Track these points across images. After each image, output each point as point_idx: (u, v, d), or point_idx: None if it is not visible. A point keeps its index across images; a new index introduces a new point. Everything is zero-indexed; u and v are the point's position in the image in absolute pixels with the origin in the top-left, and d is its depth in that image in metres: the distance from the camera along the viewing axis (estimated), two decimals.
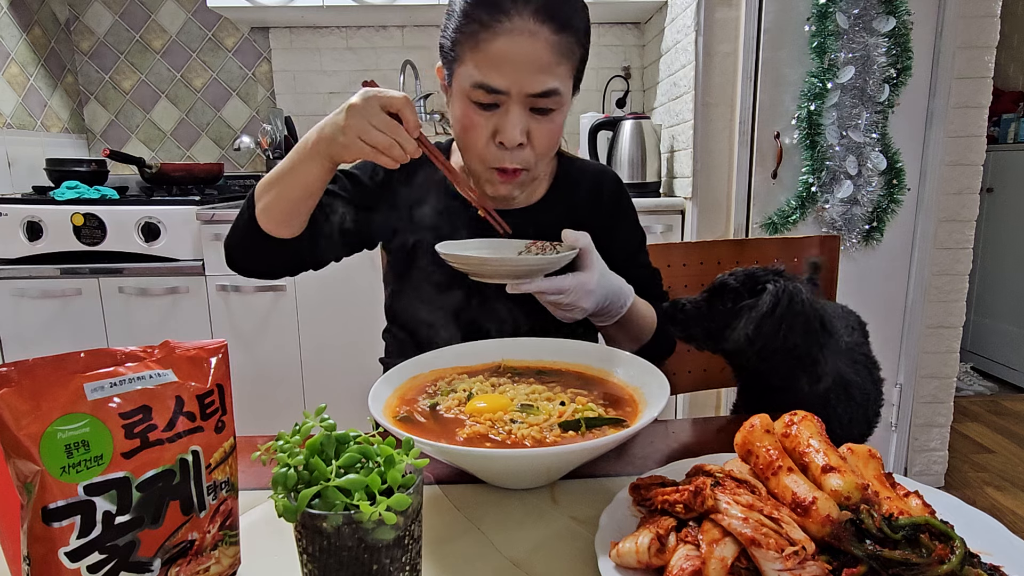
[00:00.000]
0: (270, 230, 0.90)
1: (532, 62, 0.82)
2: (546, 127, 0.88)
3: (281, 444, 0.47)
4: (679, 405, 2.19)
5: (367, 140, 0.78)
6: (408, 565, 0.46)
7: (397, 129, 0.79)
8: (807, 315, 0.76)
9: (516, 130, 0.85)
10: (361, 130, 0.78)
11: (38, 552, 0.41)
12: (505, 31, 0.82)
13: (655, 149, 2.27)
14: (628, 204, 1.09)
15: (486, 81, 0.83)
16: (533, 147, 0.89)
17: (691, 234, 2.09)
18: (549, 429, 0.66)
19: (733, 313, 0.81)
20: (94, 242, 2.05)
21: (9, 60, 2.36)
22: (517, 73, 0.83)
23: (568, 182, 1.06)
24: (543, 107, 0.86)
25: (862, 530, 0.47)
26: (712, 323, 0.83)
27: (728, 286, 0.82)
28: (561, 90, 0.86)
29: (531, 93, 0.84)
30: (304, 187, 0.87)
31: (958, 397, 2.41)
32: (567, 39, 0.84)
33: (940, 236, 2.08)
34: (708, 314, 0.84)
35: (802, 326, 0.76)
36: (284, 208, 0.89)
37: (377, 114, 0.78)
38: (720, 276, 0.85)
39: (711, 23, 1.97)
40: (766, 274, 0.81)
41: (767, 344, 0.76)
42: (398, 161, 0.80)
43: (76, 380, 0.43)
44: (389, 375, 0.75)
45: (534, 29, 0.82)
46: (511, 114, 0.85)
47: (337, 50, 2.72)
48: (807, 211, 2.00)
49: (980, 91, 2.00)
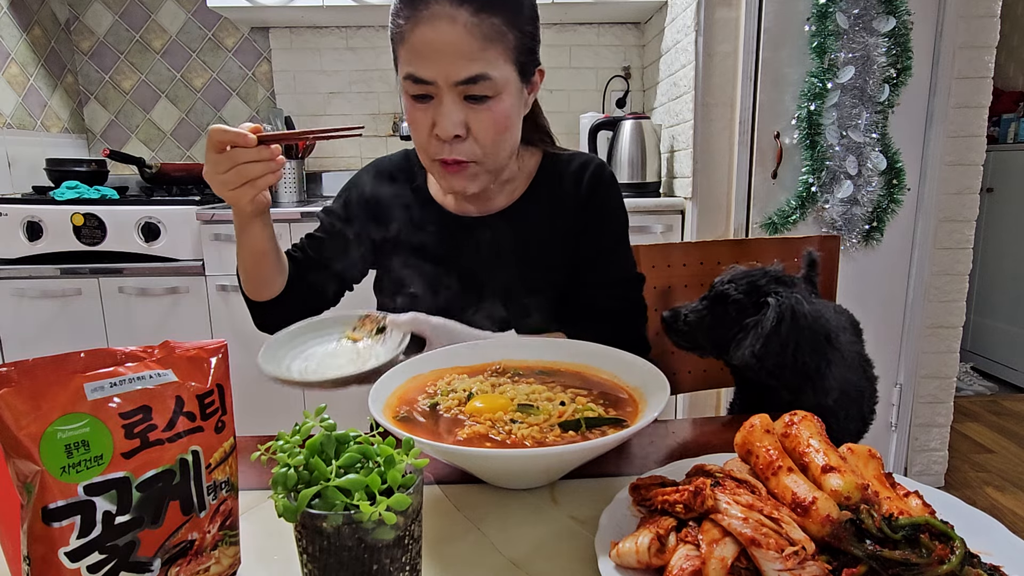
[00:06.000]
0: (256, 297, 0.97)
1: (453, 48, 0.81)
2: (486, 116, 0.85)
3: (281, 444, 0.47)
4: (679, 405, 2.19)
5: (229, 186, 0.79)
6: (408, 565, 0.46)
7: (235, 156, 0.78)
8: (812, 330, 0.76)
9: (449, 122, 0.84)
10: (220, 184, 0.80)
11: (38, 552, 0.41)
12: (425, 19, 0.80)
13: (655, 149, 2.27)
14: (605, 195, 1.02)
15: (412, 71, 0.83)
16: (475, 138, 0.87)
17: (691, 234, 2.09)
18: (549, 429, 0.65)
19: (737, 326, 0.80)
20: (94, 242, 2.05)
21: (9, 60, 2.36)
22: (440, 61, 0.81)
23: (549, 180, 1.03)
24: (476, 94, 0.84)
25: (862, 530, 0.46)
26: (717, 332, 0.82)
27: (729, 296, 0.81)
28: (492, 75, 0.83)
29: (457, 81, 0.82)
30: (251, 250, 0.90)
31: (958, 397, 2.41)
32: (490, 20, 0.81)
33: (940, 236, 2.08)
34: (712, 323, 0.83)
35: (808, 343, 0.75)
36: (252, 275, 0.94)
37: (218, 163, 0.78)
38: (719, 282, 0.84)
39: (711, 23, 1.97)
40: (766, 282, 0.80)
41: (775, 361, 0.76)
42: (273, 172, 0.80)
43: (76, 380, 0.43)
44: (389, 375, 0.75)
45: (452, 13, 0.80)
46: (444, 105, 0.84)
47: (337, 50, 2.72)
48: (807, 211, 2.00)
49: (980, 91, 2.00)
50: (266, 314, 1.00)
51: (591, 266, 1.00)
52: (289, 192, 2.41)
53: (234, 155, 0.78)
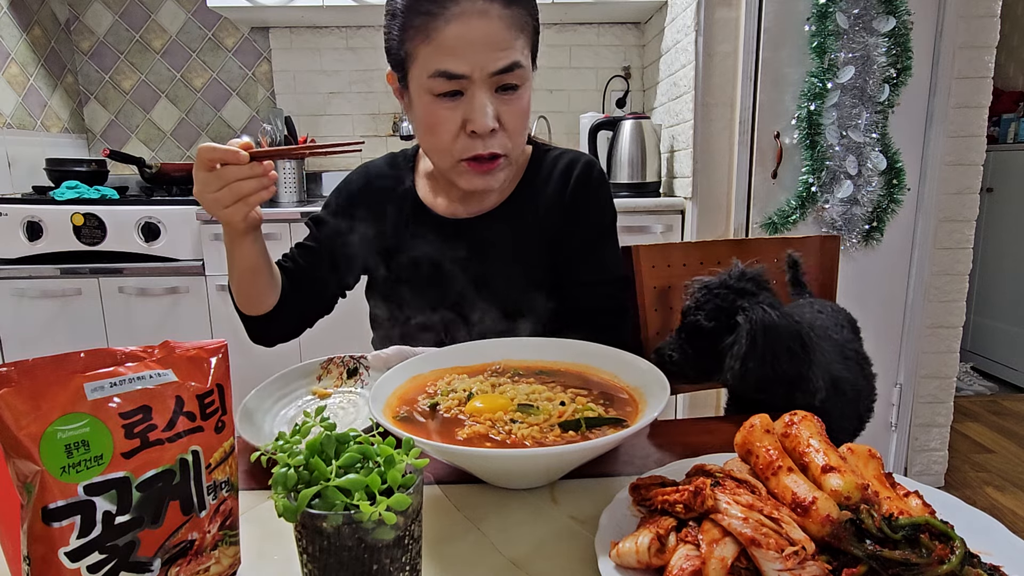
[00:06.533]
0: (250, 312, 0.97)
1: (489, 40, 0.81)
2: (515, 106, 0.86)
3: (281, 444, 0.47)
4: (679, 405, 2.19)
5: (222, 205, 0.78)
6: (408, 565, 0.46)
7: (227, 174, 0.76)
8: (785, 339, 0.76)
9: (486, 115, 0.83)
10: (212, 203, 0.78)
11: (38, 552, 0.41)
12: (455, 15, 0.80)
13: (655, 149, 2.27)
14: (591, 192, 1.01)
15: (445, 68, 0.82)
16: (506, 129, 0.87)
17: (691, 234, 2.09)
18: (549, 429, 0.66)
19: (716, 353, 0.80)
20: (94, 242, 2.05)
21: (9, 60, 2.36)
22: (476, 54, 0.81)
23: (538, 178, 1.02)
24: (509, 83, 0.84)
25: (862, 530, 0.46)
26: (700, 364, 0.83)
27: (701, 327, 0.80)
28: (523, 63, 0.85)
29: (494, 71, 0.82)
30: (243, 267, 0.89)
31: (958, 397, 2.41)
32: (518, 11, 0.83)
33: (940, 236, 2.08)
34: (695, 356, 0.83)
35: (785, 352, 0.76)
36: (244, 290, 0.94)
37: (209, 181, 0.77)
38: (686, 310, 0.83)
39: (711, 23, 1.97)
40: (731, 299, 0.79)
41: (758, 375, 0.76)
42: (266, 188, 0.79)
43: (76, 380, 0.43)
44: (389, 375, 0.75)
45: (483, 8, 0.81)
46: (477, 99, 0.83)
47: (337, 50, 2.72)
48: (807, 211, 2.00)
49: (980, 91, 2.00)
50: (261, 328, 1.00)
51: (576, 264, 1.00)
52: (289, 192, 2.41)
53: (226, 173, 0.76)
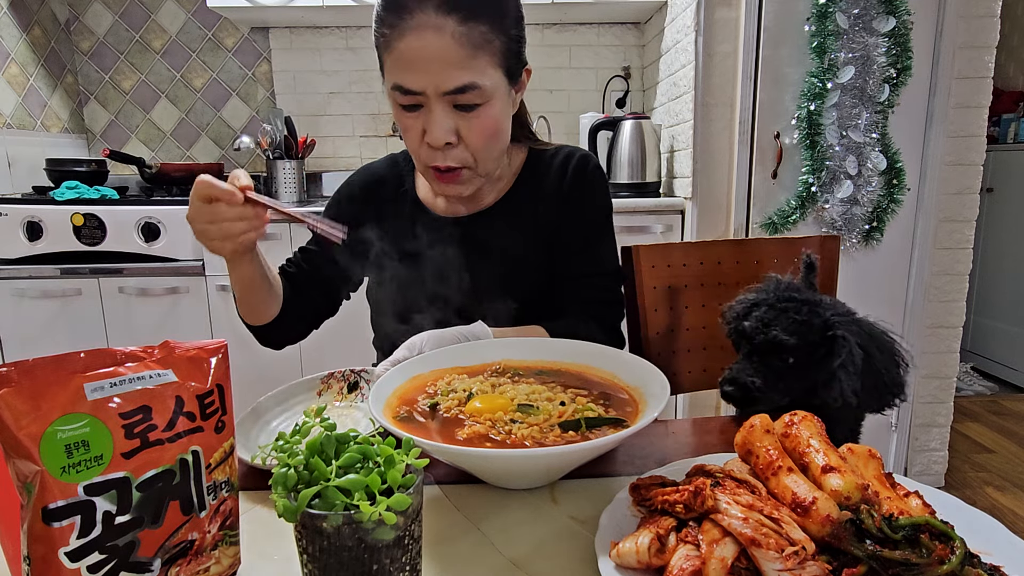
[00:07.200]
0: (253, 322, 0.98)
1: (441, 58, 0.79)
2: (476, 123, 0.85)
3: (281, 444, 0.47)
4: (679, 405, 2.19)
5: (208, 238, 0.77)
6: (408, 565, 0.46)
7: (219, 213, 0.75)
8: (889, 346, 0.74)
9: (440, 130, 0.83)
10: (199, 233, 0.77)
11: (38, 552, 0.41)
12: (410, 29, 0.79)
13: (655, 149, 2.27)
14: (587, 185, 1.00)
15: (400, 82, 0.82)
16: (466, 144, 0.86)
17: (691, 234, 2.09)
18: (549, 429, 0.65)
19: (811, 370, 0.75)
20: (94, 242, 2.05)
21: (9, 60, 2.36)
22: (428, 71, 0.80)
23: (535, 175, 1.02)
24: (466, 103, 0.83)
25: (862, 530, 0.46)
26: (793, 384, 0.76)
27: (784, 346, 0.74)
28: (481, 83, 0.82)
29: (446, 90, 0.81)
30: (241, 282, 0.90)
31: (958, 397, 2.41)
32: (478, 28, 0.80)
33: (940, 236, 2.08)
34: (776, 379, 0.77)
35: (891, 359, 0.74)
36: (245, 302, 0.94)
37: (201, 213, 0.75)
38: (753, 331, 0.77)
39: (711, 23, 1.97)
40: (804, 311, 0.75)
41: (871, 384, 0.73)
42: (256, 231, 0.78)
43: (76, 380, 0.43)
44: (389, 375, 0.75)
45: (438, 23, 0.78)
46: (433, 113, 0.83)
47: (337, 50, 2.72)
48: (807, 211, 2.00)
49: (980, 91, 2.00)
50: (266, 335, 1.02)
51: (572, 256, 1.00)
52: (289, 192, 2.41)
53: (218, 211, 0.75)
